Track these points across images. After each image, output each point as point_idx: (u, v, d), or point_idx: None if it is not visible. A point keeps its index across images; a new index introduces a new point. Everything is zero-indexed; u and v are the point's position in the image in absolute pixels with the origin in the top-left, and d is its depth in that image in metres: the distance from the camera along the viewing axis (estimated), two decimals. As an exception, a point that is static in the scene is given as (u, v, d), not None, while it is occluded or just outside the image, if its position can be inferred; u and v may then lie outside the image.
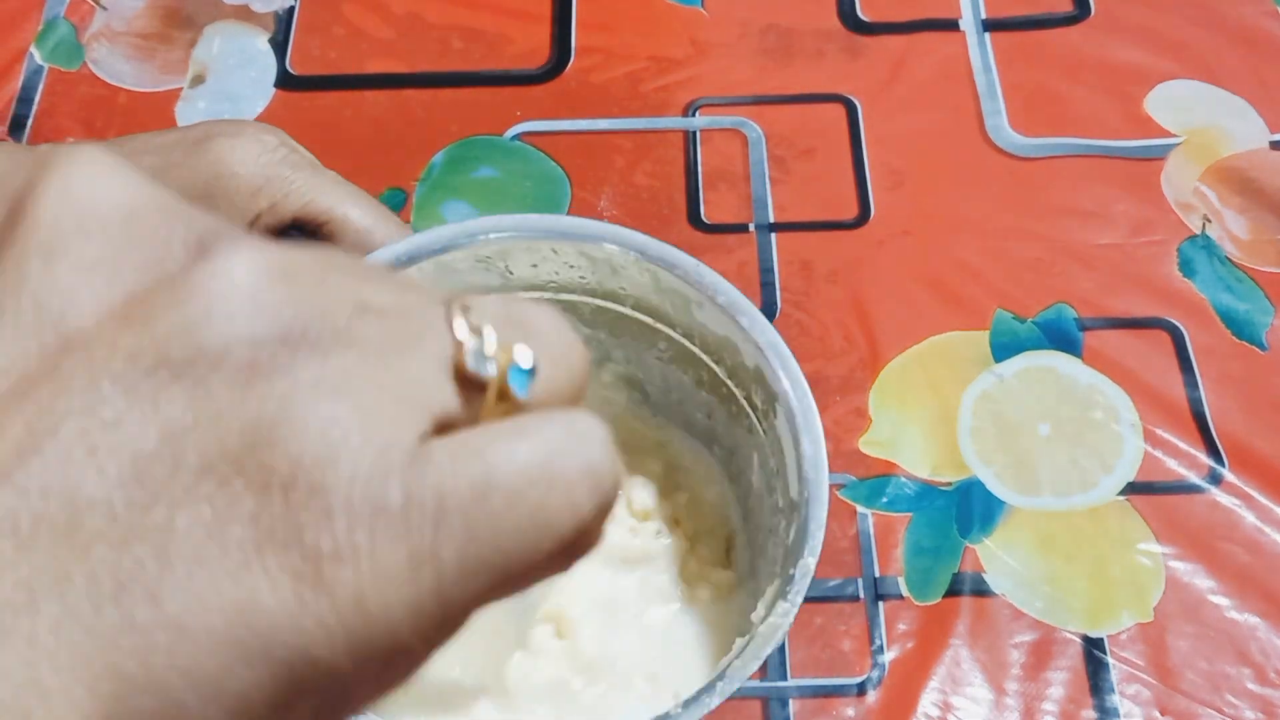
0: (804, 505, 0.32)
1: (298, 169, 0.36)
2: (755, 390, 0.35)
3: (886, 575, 0.51)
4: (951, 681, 0.48)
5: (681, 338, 0.37)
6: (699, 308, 0.35)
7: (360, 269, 0.19)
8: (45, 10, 0.68)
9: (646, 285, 0.36)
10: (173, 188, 0.28)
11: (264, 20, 0.68)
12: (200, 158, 0.35)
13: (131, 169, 0.19)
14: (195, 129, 0.37)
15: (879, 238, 0.60)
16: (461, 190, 0.61)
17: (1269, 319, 0.57)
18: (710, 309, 0.35)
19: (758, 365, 0.35)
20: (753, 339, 0.35)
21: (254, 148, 0.36)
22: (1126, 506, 0.52)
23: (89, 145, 0.21)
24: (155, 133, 0.37)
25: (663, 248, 0.35)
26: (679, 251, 0.35)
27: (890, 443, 0.54)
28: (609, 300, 0.37)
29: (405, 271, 0.35)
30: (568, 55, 0.66)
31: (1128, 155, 0.62)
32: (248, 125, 0.37)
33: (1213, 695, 0.48)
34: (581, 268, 0.36)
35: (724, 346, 0.36)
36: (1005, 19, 0.67)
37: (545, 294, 0.38)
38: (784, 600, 0.31)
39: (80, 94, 0.65)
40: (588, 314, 0.38)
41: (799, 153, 0.63)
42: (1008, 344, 0.56)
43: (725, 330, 0.35)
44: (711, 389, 0.37)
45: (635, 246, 0.36)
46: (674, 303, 0.36)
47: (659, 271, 0.35)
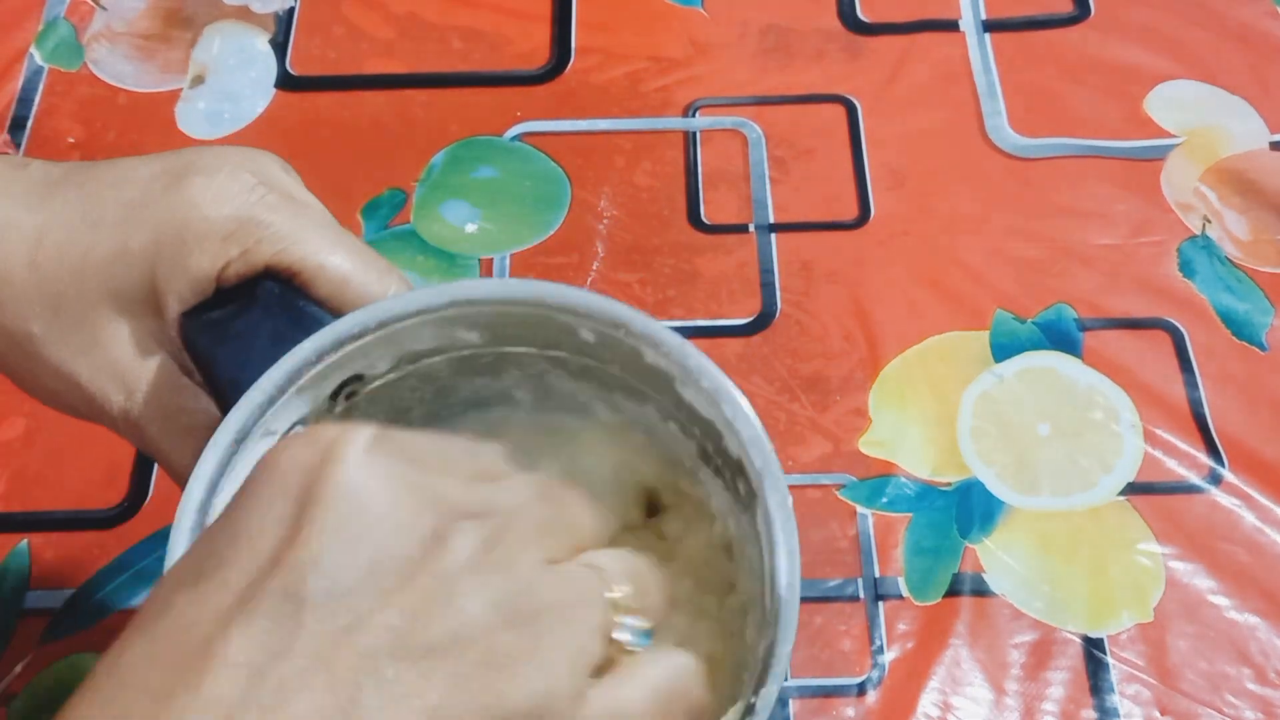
0: (773, 626, 0.31)
1: (275, 210, 0.35)
2: (739, 479, 0.34)
3: (886, 575, 0.51)
4: (951, 681, 0.48)
5: (671, 407, 0.36)
6: (683, 386, 0.35)
7: (536, 532, 0.27)
8: (45, 10, 0.68)
9: (631, 355, 0.35)
10: (148, 226, 0.33)
11: (264, 20, 0.68)
12: (175, 196, 0.34)
13: (393, 468, 0.26)
14: (178, 159, 0.36)
15: (879, 238, 0.60)
16: (461, 190, 0.61)
17: (1269, 319, 0.57)
18: (694, 390, 0.34)
19: (739, 459, 0.34)
20: (736, 430, 0.33)
21: (230, 186, 0.35)
22: (1126, 507, 0.52)
23: (361, 435, 0.26)
24: (142, 159, 0.36)
25: (647, 323, 0.34)
26: (664, 329, 0.34)
27: (890, 443, 0.54)
28: (595, 360, 0.36)
29: (395, 329, 0.34)
30: (568, 55, 0.66)
31: (1128, 155, 0.62)
32: (228, 158, 0.36)
33: (1213, 695, 0.48)
34: (565, 331, 0.36)
35: (709, 428, 0.35)
36: (1005, 19, 0.67)
37: (531, 349, 0.37)
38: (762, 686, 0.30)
39: (80, 94, 0.65)
40: (575, 369, 0.37)
41: (799, 153, 0.63)
42: (1008, 344, 0.56)
43: (710, 414, 0.34)
44: (703, 458, 0.37)
45: (620, 321, 0.34)
46: (658, 377, 0.35)
47: (642, 348, 0.34)
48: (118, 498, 0.53)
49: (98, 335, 0.35)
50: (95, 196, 0.35)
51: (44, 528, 0.52)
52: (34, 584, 0.51)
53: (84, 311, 0.34)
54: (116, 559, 0.51)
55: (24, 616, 0.50)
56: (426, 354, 0.36)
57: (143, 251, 0.34)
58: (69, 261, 0.34)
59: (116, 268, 0.34)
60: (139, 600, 0.50)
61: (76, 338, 0.35)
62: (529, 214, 0.61)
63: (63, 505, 0.52)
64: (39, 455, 0.54)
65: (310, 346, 0.33)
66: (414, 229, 0.60)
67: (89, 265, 0.34)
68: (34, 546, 0.52)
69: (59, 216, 0.34)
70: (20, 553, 0.51)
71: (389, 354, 0.35)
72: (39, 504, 0.53)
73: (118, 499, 0.53)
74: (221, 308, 0.35)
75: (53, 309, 0.34)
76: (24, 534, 0.52)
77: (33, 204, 0.35)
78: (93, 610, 0.50)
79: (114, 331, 0.35)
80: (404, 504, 0.25)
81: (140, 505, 0.53)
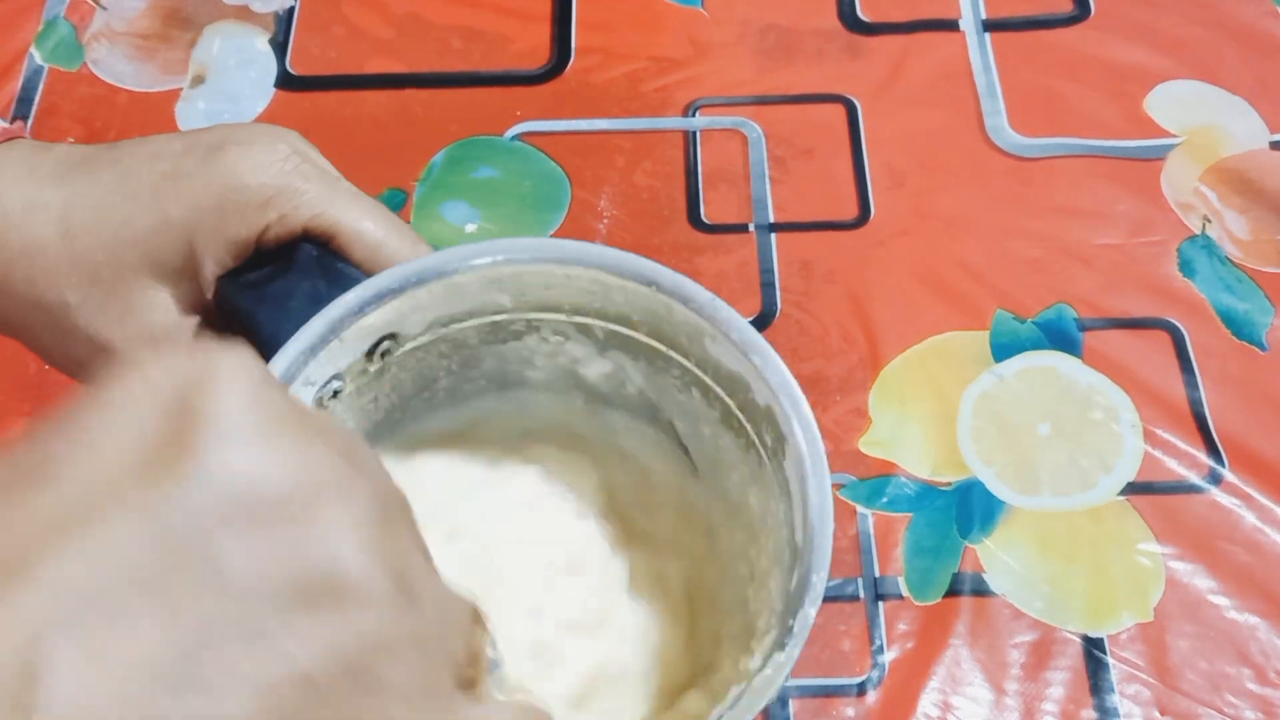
0: (808, 554, 0.32)
1: (309, 179, 0.36)
2: (766, 429, 0.35)
3: (886, 575, 0.51)
4: (951, 681, 0.48)
5: (695, 368, 0.37)
6: (712, 341, 0.35)
7: (414, 534, 0.25)
8: (45, 10, 0.68)
9: (660, 314, 0.36)
10: (187, 196, 0.33)
11: (264, 20, 0.68)
12: (212, 167, 0.35)
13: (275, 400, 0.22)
14: (209, 134, 0.36)
15: (879, 238, 0.60)
16: (461, 190, 0.61)
17: (1269, 319, 0.57)
18: (724, 344, 0.35)
19: (769, 405, 0.34)
20: (765, 379, 0.34)
21: (265, 157, 0.35)
22: (1126, 506, 0.52)
23: (237, 355, 0.22)
24: (171, 135, 0.37)
25: (677, 279, 0.35)
26: (694, 284, 0.35)
27: (890, 443, 0.54)
28: (622, 325, 0.37)
29: (416, 292, 0.35)
30: (568, 55, 0.66)
31: (1128, 155, 0.62)
32: (261, 132, 0.36)
33: (1213, 695, 0.48)
34: (595, 293, 0.36)
35: (736, 382, 0.36)
36: (1005, 19, 0.67)
37: (559, 315, 0.38)
38: (780, 651, 0.30)
39: (80, 94, 0.65)
40: (601, 337, 0.38)
41: (799, 153, 0.63)
42: (1008, 344, 0.56)
43: (738, 366, 0.35)
44: (724, 421, 0.37)
45: (651, 278, 0.35)
46: (688, 334, 0.36)
47: (673, 304, 0.35)
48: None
49: (133, 303, 0.35)
50: (131, 171, 0.35)
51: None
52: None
53: (121, 280, 0.35)
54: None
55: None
56: (459, 317, 0.37)
57: (182, 220, 0.35)
58: (106, 233, 0.35)
59: (156, 237, 0.35)
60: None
61: (114, 306, 0.35)
62: (529, 214, 0.61)
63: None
64: (39, 455, 0.54)
65: (353, 297, 0.34)
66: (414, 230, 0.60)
67: (127, 236, 0.35)
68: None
69: (90, 191, 0.35)
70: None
71: (424, 314, 0.36)
72: (39, 504, 0.53)
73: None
74: (259, 270, 0.35)
75: (89, 279, 0.35)
76: (24, 534, 0.52)
77: (58, 182, 0.35)
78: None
79: (151, 299, 0.35)
80: (297, 443, 0.22)
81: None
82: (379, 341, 0.36)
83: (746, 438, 0.36)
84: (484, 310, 0.37)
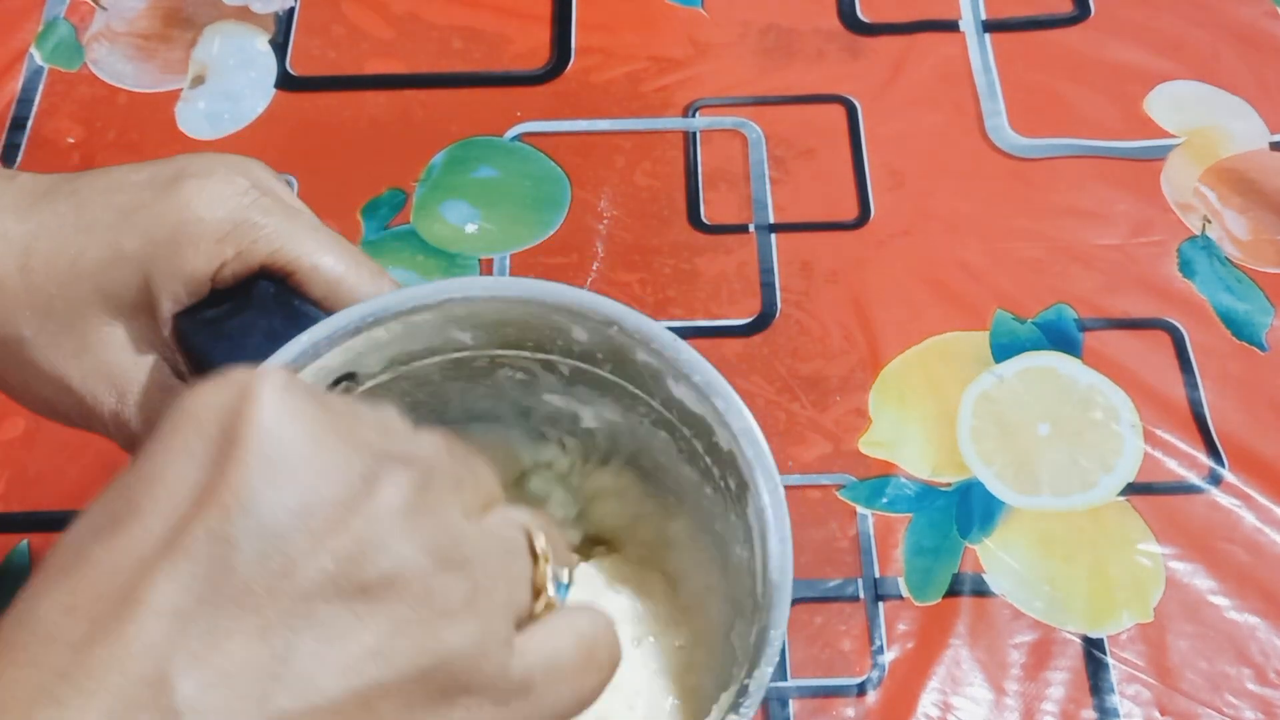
0: (766, 609, 0.31)
1: (268, 214, 0.35)
2: (729, 474, 0.35)
3: (886, 575, 0.51)
4: (951, 682, 0.48)
5: (660, 407, 0.36)
6: (675, 383, 0.35)
7: (454, 483, 0.26)
8: (45, 11, 0.68)
9: (624, 354, 0.36)
10: (141, 229, 0.33)
11: (264, 21, 0.68)
12: (169, 200, 0.34)
13: (311, 410, 0.25)
14: (169, 165, 0.36)
15: (879, 238, 0.60)
16: (461, 190, 0.61)
17: (1269, 319, 0.57)
18: (686, 386, 0.35)
19: (731, 450, 0.34)
20: (727, 423, 0.34)
21: (223, 189, 0.35)
22: (1126, 507, 0.52)
23: (276, 376, 0.25)
24: (134, 166, 0.36)
25: (639, 320, 0.35)
26: (656, 325, 0.35)
27: (890, 443, 0.54)
28: (586, 362, 0.37)
29: (374, 332, 0.34)
30: (568, 55, 0.66)
31: (1128, 155, 0.62)
32: (220, 163, 0.36)
33: (1213, 695, 0.48)
34: (559, 329, 0.36)
35: (700, 424, 0.35)
36: (1005, 19, 0.67)
37: (522, 351, 0.37)
38: (734, 714, 0.30)
39: (80, 94, 0.65)
40: (566, 373, 0.37)
41: (799, 153, 0.63)
42: (1008, 344, 0.56)
43: (701, 409, 0.35)
44: (692, 462, 0.37)
45: (612, 319, 0.35)
46: (650, 374, 0.36)
47: (635, 345, 0.35)
48: (118, 498, 0.53)
49: (89, 338, 0.35)
50: (87, 203, 0.35)
51: (44, 528, 0.52)
52: (34, 584, 0.51)
53: (75, 315, 0.35)
54: (116, 559, 0.51)
55: (24, 617, 0.50)
56: (419, 355, 0.36)
57: (136, 254, 0.34)
58: (60, 266, 0.34)
59: (109, 271, 0.34)
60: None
61: (68, 341, 0.35)
62: (529, 214, 0.61)
63: (63, 505, 0.52)
64: (39, 455, 0.54)
65: (307, 339, 0.34)
66: (414, 229, 0.60)
67: (80, 269, 0.34)
68: (34, 546, 0.52)
69: (48, 224, 0.35)
70: (20, 553, 0.51)
71: (382, 353, 0.35)
72: (39, 504, 0.53)
73: (118, 499, 0.53)
74: (216, 307, 0.35)
75: (44, 313, 0.35)
76: (24, 534, 0.52)
77: (21, 213, 0.35)
78: (93, 610, 0.50)
79: (106, 334, 0.35)
80: (328, 445, 0.24)
81: (140, 505, 0.52)
82: (337, 381, 0.35)
83: (713, 480, 0.36)
84: (445, 348, 0.36)
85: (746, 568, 0.34)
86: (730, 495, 0.35)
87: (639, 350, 0.35)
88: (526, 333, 0.36)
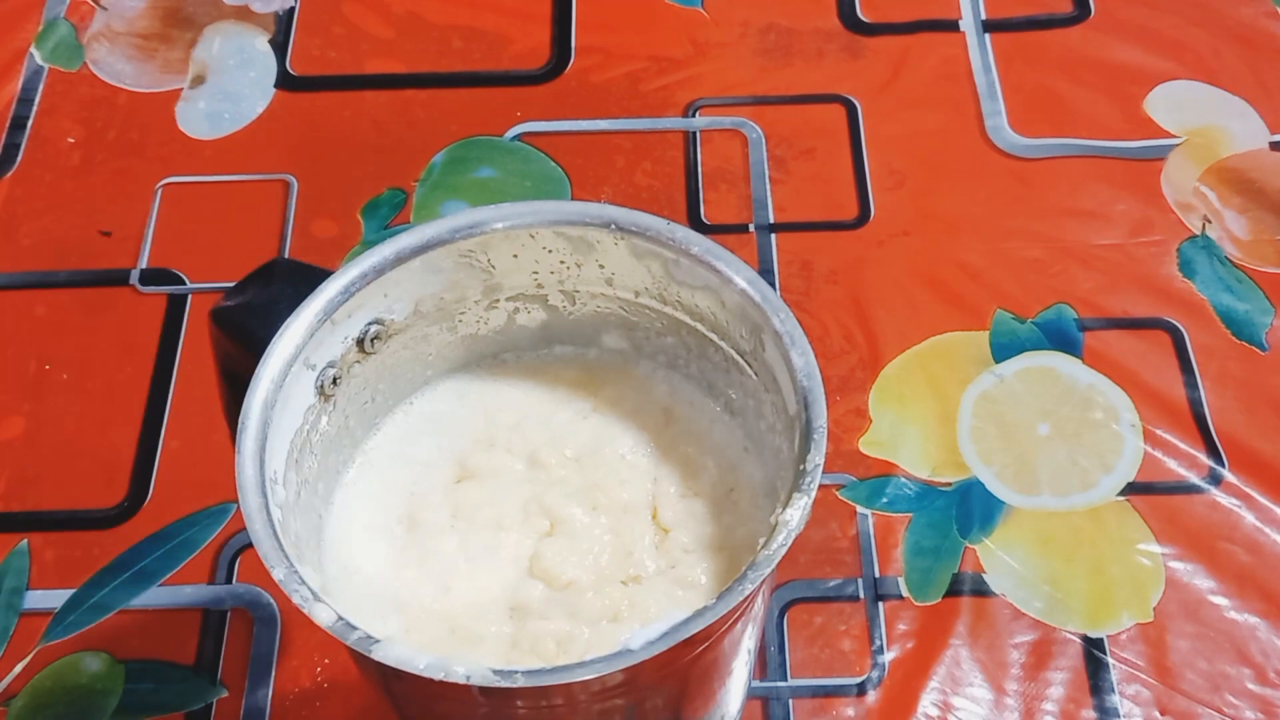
0: (802, 414, 0.33)
1: None
2: (740, 331, 0.36)
3: (886, 575, 0.51)
4: (951, 682, 0.48)
5: (664, 306, 0.37)
6: (676, 266, 0.36)
7: None
8: (45, 10, 0.68)
9: (624, 255, 0.37)
10: None
11: (264, 20, 0.68)
12: None
13: None
14: None
15: (879, 238, 0.60)
16: (461, 190, 0.61)
17: (1269, 319, 0.57)
18: (687, 264, 0.36)
19: (739, 303, 0.35)
20: (731, 280, 0.35)
21: None
22: (1126, 507, 0.52)
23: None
24: None
25: (632, 214, 0.36)
26: (648, 215, 0.36)
27: (890, 443, 0.54)
28: (593, 283, 0.38)
29: (392, 273, 0.36)
30: (568, 55, 0.66)
31: (1128, 155, 0.62)
32: None
33: (1213, 695, 0.48)
34: (560, 250, 0.37)
35: (706, 300, 0.36)
36: (1005, 19, 0.67)
37: (534, 282, 0.38)
38: (800, 493, 0.32)
39: (80, 94, 0.65)
40: (571, 292, 0.39)
41: (799, 153, 0.63)
42: (1008, 344, 0.56)
43: (704, 281, 0.36)
44: (704, 354, 0.38)
45: (606, 219, 0.36)
46: (651, 268, 0.36)
47: (633, 239, 0.36)
48: (118, 498, 0.53)
49: None
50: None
51: (44, 527, 0.52)
52: (34, 584, 0.51)
53: None
54: (117, 559, 0.51)
55: (24, 616, 0.50)
56: (441, 293, 0.38)
57: None
58: None
59: None
60: (139, 600, 0.50)
61: None
62: (529, 214, 0.61)
63: (63, 505, 0.53)
64: (39, 455, 0.54)
65: (338, 282, 0.35)
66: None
67: None
68: (34, 546, 0.52)
69: None
70: (20, 552, 0.51)
71: (406, 296, 0.37)
72: (39, 504, 0.53)
73: (118, 499, 0.53)
74: (244, 292, 0.36)
75: None
76: (24, 533, 0.52)
77: None
78: (93, 610, 0.50)
79: None
80: None
81: (140, 505, 0.53)
82: (366, 330, 0.37)
83: (726, 356, 0.37)
84: (463, 284, 0.38)
85: (776, 409, 0.35)
86: (746, 356, 0.36)
87: (637, 243, 0.36)
88: (535, 257, 0.37)
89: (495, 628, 0.35)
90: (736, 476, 0.38)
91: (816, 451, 0.32)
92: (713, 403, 0.39)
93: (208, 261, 0.59)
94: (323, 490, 0.37)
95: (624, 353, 0.40)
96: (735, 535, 0.37)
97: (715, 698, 0.39)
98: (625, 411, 0.40)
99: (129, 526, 0.52)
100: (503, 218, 0.37)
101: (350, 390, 0.37)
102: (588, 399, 0.40)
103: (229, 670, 0.49)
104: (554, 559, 0.36)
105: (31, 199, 0.61)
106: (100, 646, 0.49)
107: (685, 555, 0.37)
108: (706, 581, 0.36)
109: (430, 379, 0.40)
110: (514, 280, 0.38)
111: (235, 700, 0.48)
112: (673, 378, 0.40)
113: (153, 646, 0.49)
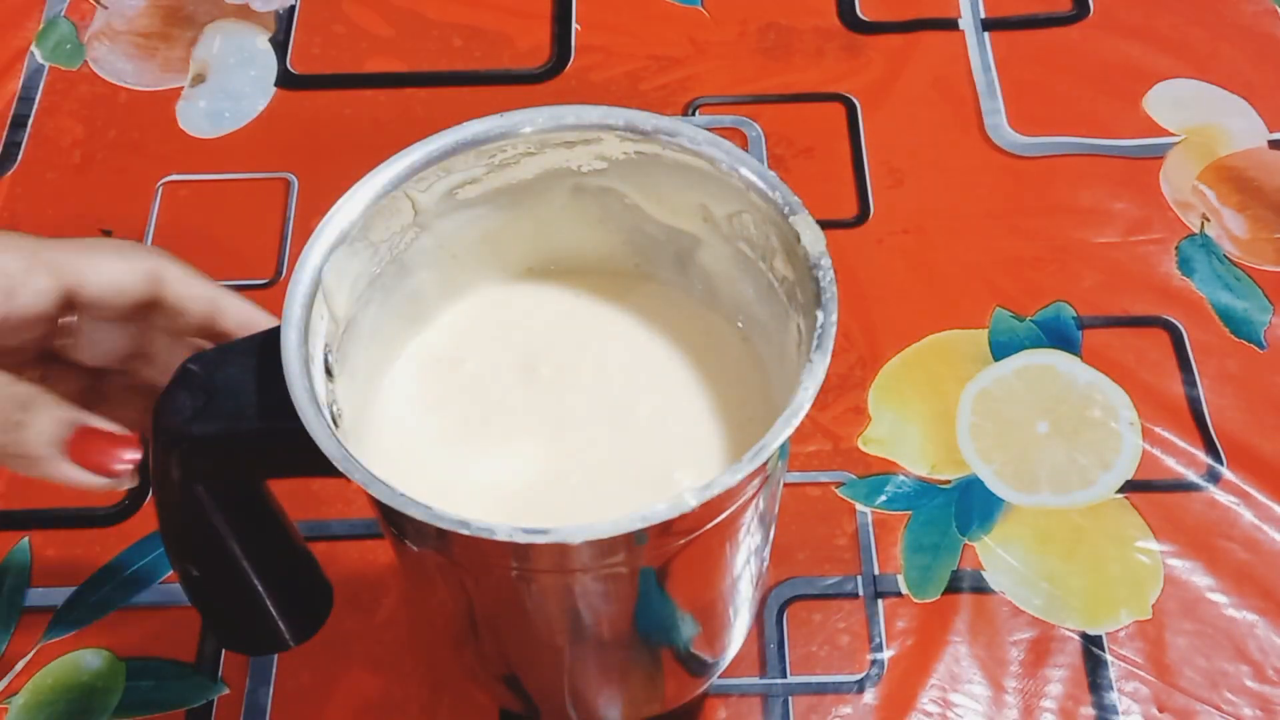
0: (809, 273, 0.34)
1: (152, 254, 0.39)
2: (743, 217, 0.36)
3: (886, 573, 0.51)
4: (950, 679, 0.48)
5: (706, 225, 0.38)
6: (705, 176, 0.36)
7: None
8: (46, 9, 0.68)
9: (614, 152, 0.37)
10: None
11: (264, 19, 0.68)
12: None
13: None
14: None
15: (879, 237, 0.60)
16: (462, 189, 0.61)
17: (1267, 317, 0.57)
18: (717, 182, 0.36)
19: (739, 186, 0.35)
20: (730, 165, 0.35)
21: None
22: (1125, 504, 0.52)
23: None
24: None
25: (632, 114, 0.36)
26: (648, 115, 0.36)
27: (889, 441, 0.54)
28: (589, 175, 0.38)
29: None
30: (568, 54, 0.66)
31: (1127, 154, 0.62)
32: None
33: (1211, 692, 0.48)
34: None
35: (700, 190, 0.36)
36: (1005, 19, 0.67)
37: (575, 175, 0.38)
38: (818, 349, 0.33)
39: (81, 93, 0.65)
40: (579, 179, 0.38)
41: (799, 152, 0.63)
42: (1007, 342, 0.56)
43: (699, 174, 0.36)
44: (748, 272, 0.38)
45: (603, 118, 0.36)
46: (645, 168, 0.37)
47: (662, 152, 0.36)
48: (118, 496, 0.53)
49: None
50: None
51: (45, 525, 0.52)
52: (35, 581, 0.51)
53: None
54: (117, 557, 0.51)
55: (25, 613, 0.50)
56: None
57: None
58: None
59: None
60: (139, 598, 0.50)
61: None
62: (529, 212, 0.61)
63: (64, 503, 0.53)
64: (40, 453, 0.54)
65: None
66: (414, 227, 0.60)
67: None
68: (35, 544, 0.52)
69: None
70: (21, 550, 0.51)
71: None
72: (40, 502, 0.53)
73: (118, 497, 0.53)
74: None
75: None
76: (25, 531, 0.52)
77: None
78: (94, 608, 0.50)
79: None
80: None
81: (141, 504, 0.53)
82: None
83: (736, 244, 0.37)
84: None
85: (792, 294, 0.36)
86: (751, 244, 0.37)
87: (666, 155, 0.36)
88: (579, 155, 0.38)
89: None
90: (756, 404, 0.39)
91: (830, 306, 0.34)
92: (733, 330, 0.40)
93: (208, 260, 0.59)
94: (362, 382, 0.37)
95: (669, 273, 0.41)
96: None
97: (722, 594, 0.39)
98: (659, 329, 0.40)
99: (130, 525, 0.52)
100: (479, 137, 0.39)
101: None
102: (619, 314, 0.40)
103: (230, 668, 0.49)
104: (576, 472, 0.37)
105: (32, 197, 0.62)
106: (101, 644, 0.49)
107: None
108: None
109: (476, 283, 0.41)
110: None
111: (236, 698, 0.48)
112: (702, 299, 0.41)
113: (154, 644, 0.49)
